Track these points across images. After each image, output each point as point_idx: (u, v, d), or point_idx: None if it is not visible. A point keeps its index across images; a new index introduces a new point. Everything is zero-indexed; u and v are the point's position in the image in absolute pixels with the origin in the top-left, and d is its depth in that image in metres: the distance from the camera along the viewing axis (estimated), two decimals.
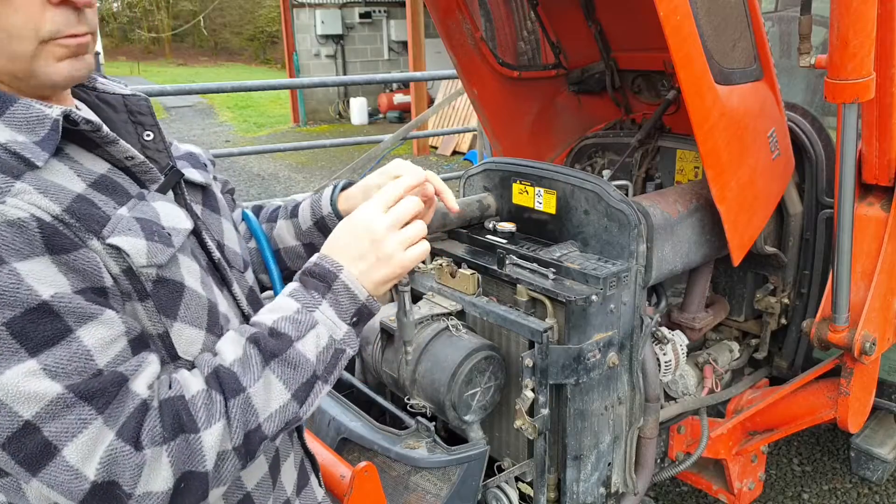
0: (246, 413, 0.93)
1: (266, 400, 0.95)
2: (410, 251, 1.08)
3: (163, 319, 0.96)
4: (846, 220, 2.06)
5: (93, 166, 0.95)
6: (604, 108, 2.98)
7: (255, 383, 0.94)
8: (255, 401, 0.94)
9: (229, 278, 1.14)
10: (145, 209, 0.97)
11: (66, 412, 0.81)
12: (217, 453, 0.91)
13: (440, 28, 2.63)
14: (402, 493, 1.81)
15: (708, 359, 2.49)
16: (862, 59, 1.80)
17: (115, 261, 0.90)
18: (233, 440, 0.93)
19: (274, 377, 0.96)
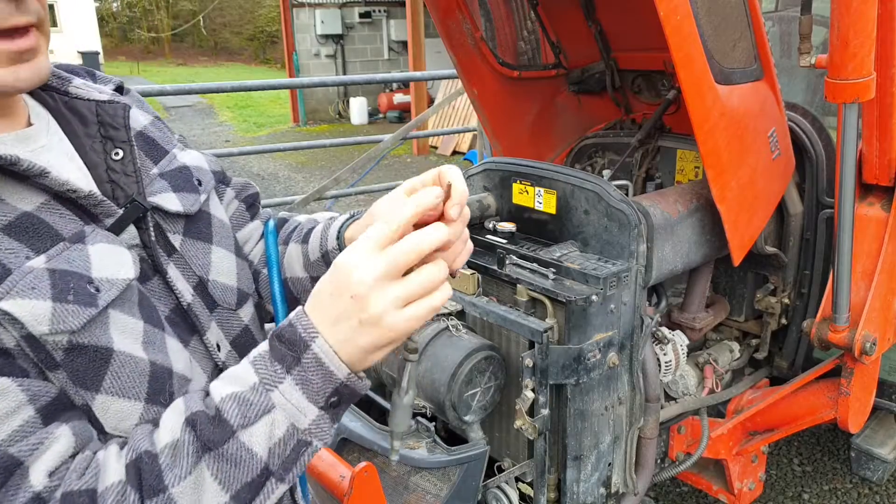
0: None
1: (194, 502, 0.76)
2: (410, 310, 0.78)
3: (80, 392, 0.79)
4: (846, 220, 2.06)
5: (18, 202, 0.79)
6: (604, 108, 2.98)
7: (181, 482, 0.75)
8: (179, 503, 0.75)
9: (201, 325, 0.96)
10: (73, 256, 0.80)
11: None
12: None
13: (440, 28, 2.63)
14: (402, 493, 1.81)
15: (708, 359, 2.49)
16: (862, 59, 1.80)
17: (12, 325, 0.74)
18: None
19: (208, 474, 0.76)
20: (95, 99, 0.96)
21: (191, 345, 0.95)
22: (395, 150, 10.79)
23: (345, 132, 14.11)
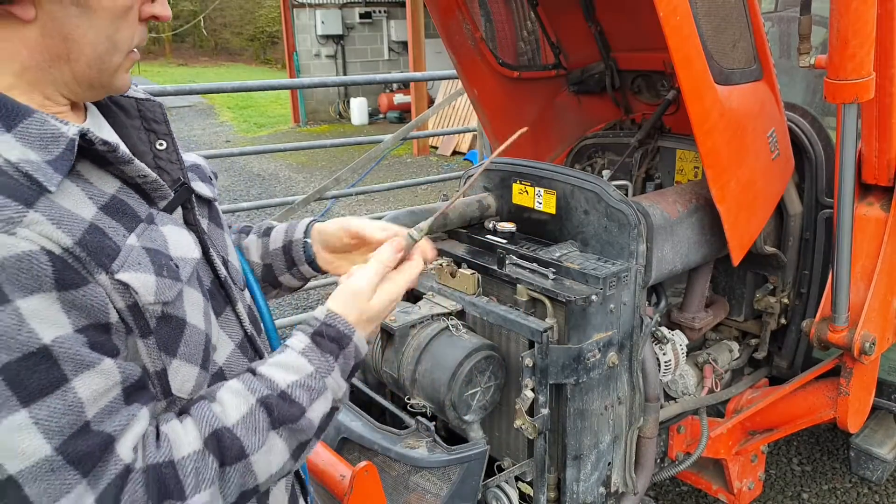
0: (244, 476, 0.92)
1: (267, 464, 0.94)
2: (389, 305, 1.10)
3: (163, 357, 0.91)
4: (846, 220, 2.06)
5: (103, 186, 0.90)
6: (604, 109, 2.99)
7: (258, 450, 0.92)
8: (256, 466, 0.92)
9: (234, 297, 1.09)
10: (154, 236, 0.92)
11: (50, 475, 0.76)
12: None
13: (440, 28, 2.63)
14: (402, 492, 1.81)
15: (708, 359, 2.50)
16: (861, 60, 1.80)
17: (122, 296, 0.85)
18: (225, 499, 0.90)
19: (279, 441, 0.94)
20: (134, 96, 1.05)
21: (222, 316, 1.06)
22: (395, 150, 10.80)
23: (345, 132, 14.12)
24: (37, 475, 0.76)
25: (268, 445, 0.93)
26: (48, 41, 0.86)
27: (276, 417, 0.94)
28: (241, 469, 0.90)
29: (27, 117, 0.84)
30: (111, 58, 0.91)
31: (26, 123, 0.83)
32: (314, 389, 0.98)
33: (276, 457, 0.94)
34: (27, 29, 0.84)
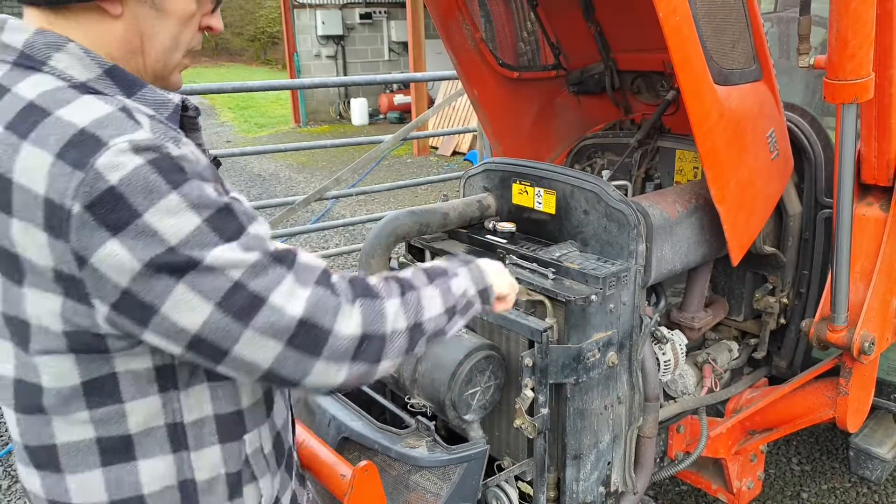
0: (416, 306, 1.17)
1: (429, 305, 1.19)
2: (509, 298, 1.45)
3: None
4: (845, 220, 2.06)
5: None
6: (603, 109, 2.99)
7: (422, 289, 1.20)
8: (423, 301, 1.18)
9: None
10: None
11: (264, 271, 0.99)
12: (393, 324, 1.11)
13: (440, 29, 2.64)
14: (403, 492, 1.81)
15: (707, 358, 2.50)
16: (861, 60, 1.81)
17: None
18: (406, 320, 1.14)
19: (435, 292, 1.22)
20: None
21: None
22: (395, 150, 10.80)
23: (345, 133, 14.11)
24: (254, 273, 0.98)
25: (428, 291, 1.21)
26: (129, 35, 1.06)
27: (431, 276, 1.25)
28: (414, 299, 1.16)
29: (143, 87, 1.06)
30: (174, 55, 1.12)
31: (143, 92, 1.06)
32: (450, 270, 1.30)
33: (434, 304, 1.20)
34: (114, 23, 1.04)
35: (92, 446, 1.06)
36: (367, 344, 1.07)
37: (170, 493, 1.11)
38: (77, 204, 0.90)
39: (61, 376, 1.02)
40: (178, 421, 1.09)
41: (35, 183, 0.92)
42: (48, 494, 1.10)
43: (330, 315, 1.03)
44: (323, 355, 1.03)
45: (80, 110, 0.95)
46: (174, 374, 1.07)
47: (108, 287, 0.93)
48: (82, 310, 0.96)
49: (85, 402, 1.03)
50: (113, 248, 0.91)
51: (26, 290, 0.98)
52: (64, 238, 0.92)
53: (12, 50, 1.01)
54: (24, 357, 1.02)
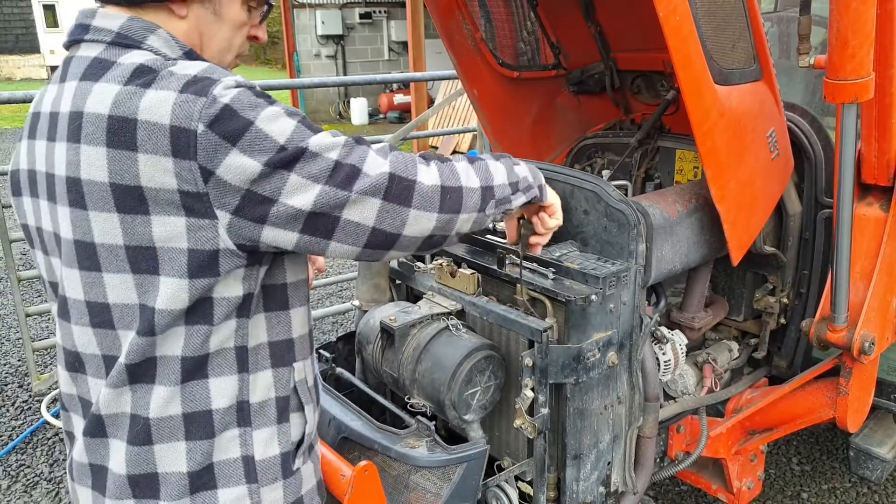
0: (485, 171, 1.37)
1: (497, 173, 1.39)
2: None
3: None
4: (845, 219, 2.06)
5: None
6: (603, 109, 2.99)
7: (489, 161, 1.40)
8: (491, 169, 1.38)
9: None
10: None
11: (352, 149, 1.18)
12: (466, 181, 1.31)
13: (440, 29, 2.64)
14: (402, 492, 1.81)
15: (707, 358, 2.50)
16: (861, 60, 1.81)
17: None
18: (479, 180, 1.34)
19: (501, 166, 1.41)
20: None
21: None
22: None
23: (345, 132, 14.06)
24: (347, 152, 1.17)
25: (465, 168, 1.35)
26: (192, 34, 1.25)
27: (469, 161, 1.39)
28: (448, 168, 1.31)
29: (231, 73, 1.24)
30: (226, 56, 1.33)
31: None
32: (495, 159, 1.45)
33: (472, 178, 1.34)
34: (180, 22, 1.24)
35: (177, 361, 1.20)
36: (448, 195, 1.26)
37: (230, 412, 1.25)
38: (201, 124, 1.08)
39: (174, 299, 1.15)
40: (244, 345, 1.25)
41: (161, 116, 1.09)
42: (135, 409, 1.22)
43: (411, 169, 1.22)
44: (413, 204, 1.22)
45: (187, 66, 1.15)
46: (250, 302, 1.23)
47: (230, 194, 1.11)
48: (206, 224, 1.12)
49: (184, 321, 1.18)
50: (235, 157, 1.09)
51: (153, 217, 1.12)
52: (191, 157, 1.09)
53: (108, 32, 1.20)
54: (148, 280, 1.16)
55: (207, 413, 1.23)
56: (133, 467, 1.23)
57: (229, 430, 1.25)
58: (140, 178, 1.10)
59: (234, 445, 1.26)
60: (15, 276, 4.07)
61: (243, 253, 1.17)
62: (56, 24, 25.95)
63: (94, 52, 1.19)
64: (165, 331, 1.18)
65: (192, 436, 1.23)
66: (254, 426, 1.28)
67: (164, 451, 1.22)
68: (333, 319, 5.36)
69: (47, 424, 4.01)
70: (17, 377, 4.60)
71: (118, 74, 1.14)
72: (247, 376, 1.26)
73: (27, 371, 4.41)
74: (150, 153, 1.09)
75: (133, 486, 1.24)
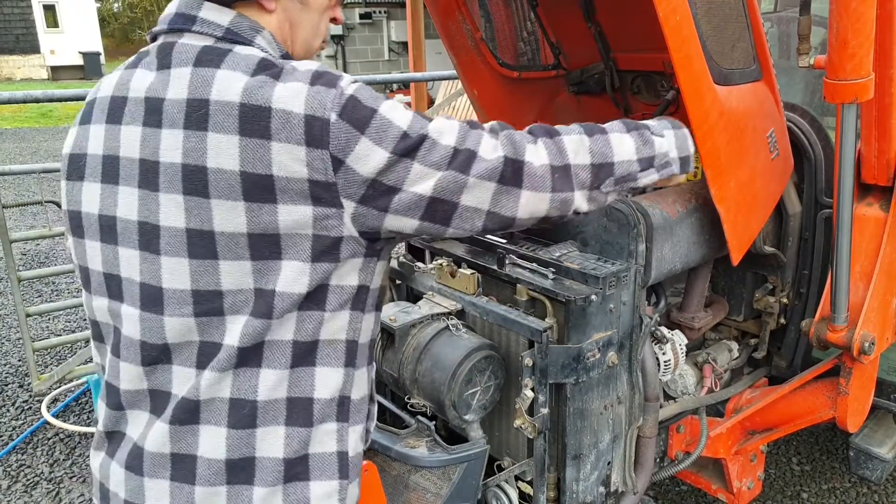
0: (603, 147, 1.37)
1: (619, 149, 1.39)
2: None
3: None
4: (845, 219, 2.06)
5: None
6: (603, 109, 2.99)
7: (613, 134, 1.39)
8: (612, 144, 1.39)
9: None
10: None
11: (467, 134, 1.23)
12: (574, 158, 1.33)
13: (440, 29, 2.64)
14: (402, 491, 1.81)
15: (707, 358, 2.50)
16: (861, 60, 1.81)
17: None
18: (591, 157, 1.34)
19: (630, 140, 1.41)
20: None
21: None
22: None
23: None
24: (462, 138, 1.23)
25: (620, 136, 1.40)
26: (282, 25, 1.29)
27: (628, 126, 1.44)
28: (601, 140, 1.36)
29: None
30: (315, 41, 1.36)
31: None
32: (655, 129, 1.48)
33: (626, 148, 1.40)
34: (270, 16, 1.27)
35: (288, 346, 1.22)
36: (558, 174, 1.29)
37: (332, 404, 1.27)
38: (333, 113, 1.13)
39: (296, 282, 1.17)
40: (355, 339, 1.29)
41: (295, 106, 1.12)
42: (237, 393, 1.21)
43: (522, 151, 1.26)
44: (525, 185, 1.26)
45: (303, 63, 1.20)
46: (365, 296, 1.28)
47: (358, 182, 1.15)
48: (332, 212, 1.16)
49: (299, 306, 1.20)
50: (364, 145, 1.14)
51: (279, 206, 1.14)
52: (323, 146, 1.13)
53: (217, 26, 1.23)
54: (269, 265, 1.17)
55: (309, 401, 1.25)
56: (233, 451, 1.22)
57: (328, 424, 1.27)
58: (272, 167, 1.12)
59: (332, 439, 1.28)
60: (15, 275, 4.08)
61: (364, 241, 1.22)
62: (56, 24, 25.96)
63: (203, 43, 1.21)
64: (283, 315, 1.19)
65: (291, 421, 1.24)
66: (350, 422, 1.31)
67: (265, 435, 1.23)
68: None
69: (47, 425, 4.01)
70: (18, 377, 4.60)
71: (243, 66, 1.16)
72: (353, 371, 1.30)
73: (27, 371, 4.41)
74: (284, 142, 1.12)
75: (230, 470, 1.23)
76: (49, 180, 8.69)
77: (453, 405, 1.85)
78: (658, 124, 1.50)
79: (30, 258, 6.92)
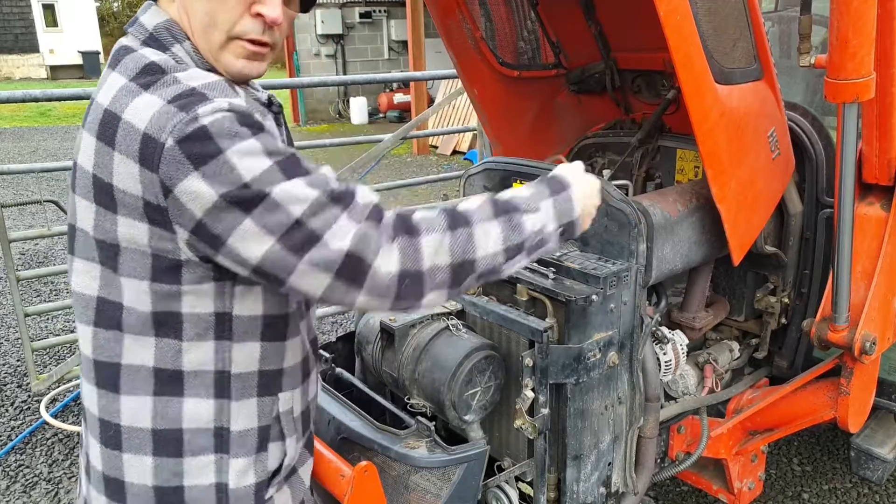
0: (466, 244, 1.18)
1: (483, 242, 1.20)
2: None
3: None
4: (846, 219, 2.06)
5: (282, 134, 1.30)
6: (604, 108, 2.98)
7: (479, 224, 1.20)
8: (476, 239, 1.19)
9: None
10: None
11: (322, 210, 1.08)
12: (432, 260, 1.15)
13: (440, 28, 2.63)
14: (402, 492, 1.81)
15: (708, 358, 2.49)
16: (862, 59, 1.80)
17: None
18: (450, 256, 1.16)
19: (497, 228, 1.22)
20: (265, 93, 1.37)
21: None
22: (395, 149, 10.79)
23: (345, 132, 14.10)
24: (313, 211, 1.07)
25: (487, 226, 1.21)
26: (181, 15, 1.19)
27: (496, 209, 1.24)
28: (464, 234, 1.18)
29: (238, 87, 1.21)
30: (213, 34, 1.18)
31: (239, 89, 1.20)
32: (530, 204, 1.28)
33: (491, 241, 1.21)
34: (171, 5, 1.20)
35: (149, 373, 1.18)
36: (408, 281, 1.13)
37: (205, 434, 1.22)
38: (171, 138, 1.05)
39: (139, 300, 1.15)
40: (226, 370, 1.22)
41: (140, 120, 1.08)
42: (101, 413, 1.22)
43: (372, 251, 1.10)
44: (365, 288, 1.11)
45: (195, 75, 1.13)
46: (231, 326, 1.20)
47: (186, 216, 1.07)
48: (166, 235, 1.10)
49: (153, 331, 1.17)
50: (193, 180, 1.05)
51: (119, 217, 1.11)
52: (154, 169, 1.06)
53: (145, 30, 1.20)
54: (111, 277, 1.16)
55: (178, 432, 1.20)
56: (108, 469, 1.24)
57: (204, 455, 1.22)
58: (113, 177, 1.10)
59: (209, 472, 1.23)
60: (14, 276, 4.07)
61: (210, 265, 1.14)
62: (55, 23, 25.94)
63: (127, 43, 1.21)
64: (135, 333, 1.16)
65: (160, 451, 1.21)
66: (231, 454, 1.24)
67: (132, 461, 1.21)
68: (333, 319, 5.35)
69: (46, 425, 4.01)
70: (17, 377, 4.59)
71: (129, 69, 1.15)
72: (228, 403, 1.23)
73: (26, 371, 4.40)
74: (124, 154, 1.08)
75: (106, 484, 1.24)
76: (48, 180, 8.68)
77: (453, 405, 1.84)
78: (534, 193, 1.31)
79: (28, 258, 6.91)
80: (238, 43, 1.19)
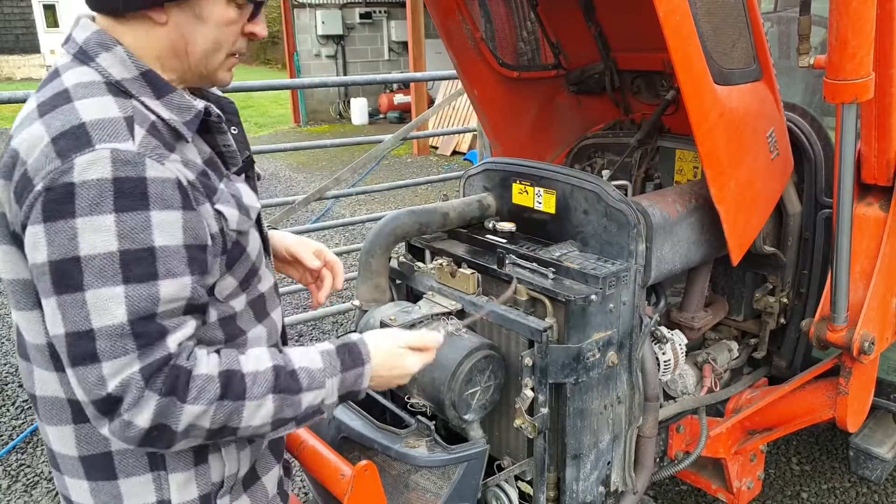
0: (231, 415, 1.15)
1: (252, 416, 1.17)
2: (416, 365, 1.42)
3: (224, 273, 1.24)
4: (845, 219, 2.06)
5: (203, 147, 1.25)
6: (603, 109, 2.99)
7: (252, 400, 1.17)
8: (244, 413, 1.16)
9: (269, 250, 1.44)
10: (233, 187, 1.26)
11: (118, 339, 1.05)
12: (190, 424, 1.11)
13: (440, 29, 2.64)
14: (402, 491, 1.81)
15: (707, 358, 2.50)
16: (861, 60, 1.81)
17: (216, 222, 1.19)
18: (210, 423, 1.13)
19: (270, 405, 1.19)
20: (216, 94, 1.41)
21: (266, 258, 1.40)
22: (395, 150, 10.80)
23: (345, 132, 14.10)
24: (110, 334, 1.05)
25: (261, 402, 1.17)
26: (174, 39, 1.19)
27: (278, 384, 1.20)
28: (233, 407, 1.14)
29: (171, 91, 1.20)
30: (215, 56, 1.24)
31: (171, 96, 1.19)
32: (315, 381, 1.25)
33: (261, 416, 1.18)
34: (161, 29, 1.18)
35: (63, 404, 1.22)
36: (156, 433, 1.10)
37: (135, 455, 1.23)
38: (41, 184, 1.05)
39: (31, 331, 1.20)
40: None
41: (28, 154, 1.09)
42: (43, 436, 1.28)
43: (130, 401, 1.07)
44: (110, 428, 1.10)
45: (93, 106, 1.11)
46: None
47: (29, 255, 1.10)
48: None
49: (52, 363, 1.19)
50: (38, 231, 1.06)
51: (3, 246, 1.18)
52: (20, 203, 1.09)
53: (75, 44, 1.20)
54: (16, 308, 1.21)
55: (106, 456, 1.23)
56: (59, 486, 1.31)
57: (139, 475, 1.24)
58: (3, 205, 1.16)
59: (149, 490, 1.24)
60: None
61: None
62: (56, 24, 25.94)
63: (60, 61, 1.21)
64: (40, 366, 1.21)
65: (93, 476, 1.24)
66: (169, 469, 1.24)
67: (72, 484, 1.26)
68: (333, 319, 5.36)
69: None
70: (17, 377, 4.60)
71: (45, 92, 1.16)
72: None
73: None
74: (8, 180, 1.13)
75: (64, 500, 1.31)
76: None
77: (453, 405, 1.85)
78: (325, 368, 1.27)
79: None
80: (231, 59, 1.28)
